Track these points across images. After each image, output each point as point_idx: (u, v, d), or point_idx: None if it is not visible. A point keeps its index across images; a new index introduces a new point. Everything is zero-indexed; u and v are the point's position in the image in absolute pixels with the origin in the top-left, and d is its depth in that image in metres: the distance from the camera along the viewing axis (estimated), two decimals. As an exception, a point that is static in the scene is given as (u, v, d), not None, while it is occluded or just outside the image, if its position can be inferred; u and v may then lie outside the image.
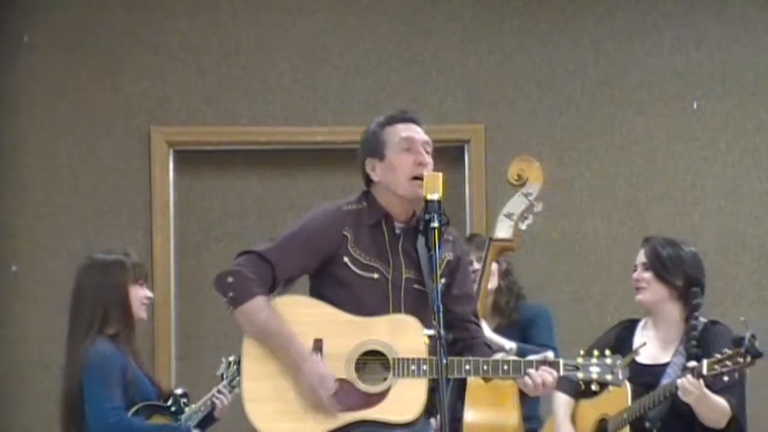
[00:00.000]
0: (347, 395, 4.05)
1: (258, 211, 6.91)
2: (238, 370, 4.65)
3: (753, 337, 4.41)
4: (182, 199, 6.88)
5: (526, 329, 5.43)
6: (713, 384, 4.49)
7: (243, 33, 6.85)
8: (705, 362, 4.46)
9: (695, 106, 6.95)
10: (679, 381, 4.51)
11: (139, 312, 4.87)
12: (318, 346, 4.09)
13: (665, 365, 4.76)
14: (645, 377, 4.71)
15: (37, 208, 6.72)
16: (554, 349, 5.14)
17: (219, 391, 4.86)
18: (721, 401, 4.57)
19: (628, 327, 5.00)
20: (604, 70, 6.93)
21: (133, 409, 4.69)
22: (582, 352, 4.18)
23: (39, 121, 6.76)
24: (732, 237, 6.90)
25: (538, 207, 5.11)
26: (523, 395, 4.95)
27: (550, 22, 6.93)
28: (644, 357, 4.79)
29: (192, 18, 6.84)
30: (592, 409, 4.85)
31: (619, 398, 4.68)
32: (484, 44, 6.91)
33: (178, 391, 4.87)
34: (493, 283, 5.42)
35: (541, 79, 6.91)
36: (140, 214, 6.76)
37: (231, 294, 4.11)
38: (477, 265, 5.37)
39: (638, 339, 4.90)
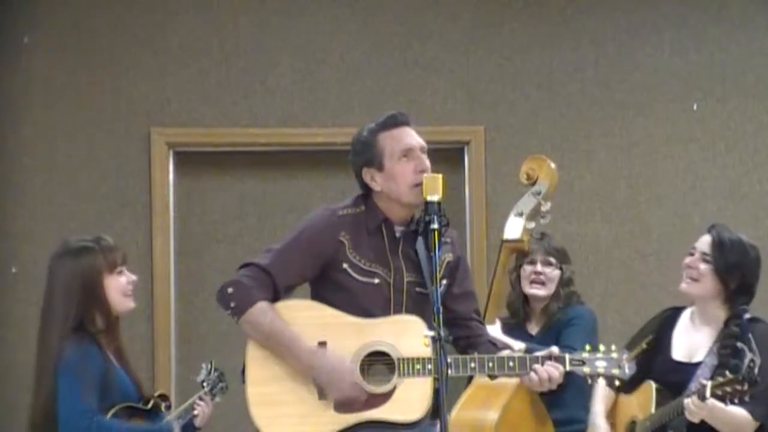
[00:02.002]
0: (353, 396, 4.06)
1: (258, 212, 6.91)
2: (220, 378, 4.65)
3: (752, 362, 4.29)
4: (182, 201, 6.87)
5: (561, 331, 5.32)
6: (736, 399, 4.34)
7: (243, 35, 6.85)
8: (709, 385, 4.32)
9: (695, 107, 6.95)
10: (684, 401, 4.41)
11: (124, 303, 4.40)
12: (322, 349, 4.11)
13: (697, 365, 4.62)
14: (675, 375, 4.61)
15: (37, 209, 6.72)
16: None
17: (200, 398, 4.58)
18: (739, 413, 4.42)
19: (671, 316, 4.82)
20: (604, 72, 6.93)
21: (112, 411, 4.26)
22: (588, 347, 4.18)
23: (39, 123, 6.76)
24: (732, 238, 6.88)
25: (546, 206, 5.08)
26: (562, 398, 4.90)
27: (550, 23, 6.93)
28: (679, 353, 4.70)
29: (192, 19, 6.84)
30: (625, 410, 4.77)
31: (647, 400, 4.61)
32: (483, 46, 6.91)
33: (159, 394, 4.49)
34: (548, 289, 5.34)
35: (541, 80, 6.91)
36: (140, 216, 6.75)
37: (233, 304, 4.11)
38: (540, 267, 5.34)
39: (679, 331, 4.75)
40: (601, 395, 4.86)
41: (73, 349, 4.26)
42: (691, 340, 4.72)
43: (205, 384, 4.65)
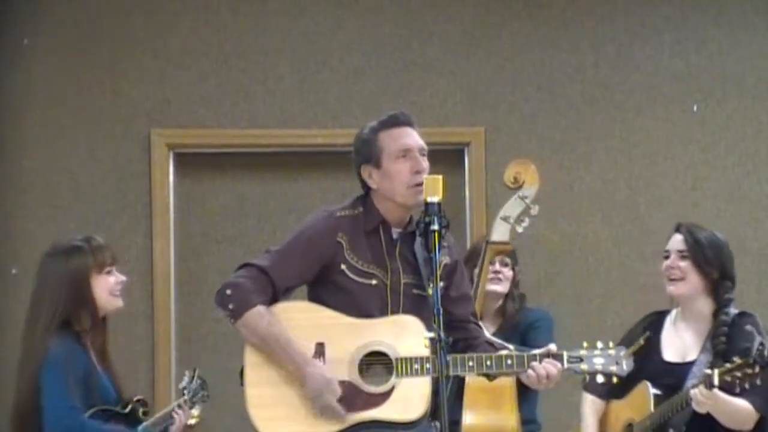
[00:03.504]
0: (351, 397, 4.07)
1: (258, 213, 6.92)
2: (202, 386, 4.64)
3: (762, 345, 4.26)
4: (182, 202, 6.88)
5: (525, 333, 5.42)
6: (733, 389, 4.30)
7: (243, 36, 6.85)
8: (716, 372, 4.28)
9: (695, 109, 6.96)
10: (691, 392, 4.38)
11: (111, 302, 4.42)
12: (320, 350, 4.11)
13: (691, 364, 4.59)
14: (670, 377, 4.57)
15: (38, 211, 6.72)
16: None
17: (179, 406, 4.53)
18: (743, 405, 4.40)
19: (656, 320, 4.80)
20: (604, 73, 6.94)
21: (89, 413, 4.27)
22: (585, 344, 4.18)
23: (39, 124, 6.76)
24: (732, 240, 6.75)
25: (535, 210, 5.10)
26: (520, 398, 4.96)
27: (550, 25, 6.94)
28: (671, 354, 4.67)
29: (192, 21, 6.84)
30: (620, 412, 4.74)
31: (643, 401, 4.59)
32: (484, 47, 6.91)
33: (138, 399, 4.46)
34: (504, 287, 5.43)
35: (541, 81, 6.92)
36: (140, 217, 6.76)
37: (231, 306, 4.11)
38: (498, 266, 5.42)
39: (667, 333, 4.73)
40: (589, 410, 4.84)
41: (58, 346, 4.28)
42: (681, 341, 4.70)
43: (185, 392, 4.61)
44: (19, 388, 4.37)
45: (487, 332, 5.34)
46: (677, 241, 4.72)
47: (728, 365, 4.30)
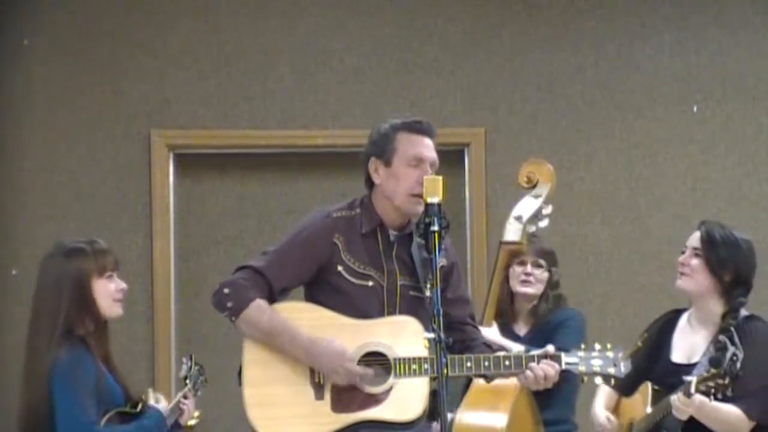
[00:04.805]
0: (350, 396, 4.07)
1: (258, 214, 6.92)
2: (200, 371, 4.64)
3: (734, 356, 4.22)
4: (182, 203, 6.88)
5: (553, 332, 5.33)
6: (708, 397, 4.28)
7: (243, 36, 6.85)
8: (694, 381, 4.27)
9: (695, 109, 6.95)
10: (671, 399, 4.37)
11: (112, 309, 4.30)
12: None
13: (694, 366, 4.54)
14: (674, 378, 4.52)
15: (38, 211, 6.72)
16: None
17: (185, 396, 4.49)
18: (732, 412, 4.36)
19: (672, 319, 4.76)
20: (604, 74, 6.94)
21: (105, 418, 4.17)
22: (583, 346, 4.18)
23: (39, 125, 6.77)
24: (732, 240, 6.87)
25: (548, 209, 5.10)
26: (552, 398, 4.91)
27: (550, 25, 6.94)
28: (678, 354, 4.65)
29: (192, 22, 6.84)
30: (627, 412, 4.75)
31: (643, 402, 4.60)
32: (484, 48, 6.91)
33: (146, 396, 4.37)
34: (537, 288, 5.36)
35: (541, 82, 6.92)
36: (140, 218, 6.76)
37: (230, 304, 4.11)
38: (530, 268, 5.35)
39: (680, 332, 4.69)
40: (601, 396, 4.83)
41: (66, 356, 4.17)
42: (690, 342, 4.67)
43: (188, 381, 4.58)
44: (26, 397, 4.25)
45: (520, 334, 5.32)
46: (695, 239, 4.66)
47: (704, 374, 4.28)
